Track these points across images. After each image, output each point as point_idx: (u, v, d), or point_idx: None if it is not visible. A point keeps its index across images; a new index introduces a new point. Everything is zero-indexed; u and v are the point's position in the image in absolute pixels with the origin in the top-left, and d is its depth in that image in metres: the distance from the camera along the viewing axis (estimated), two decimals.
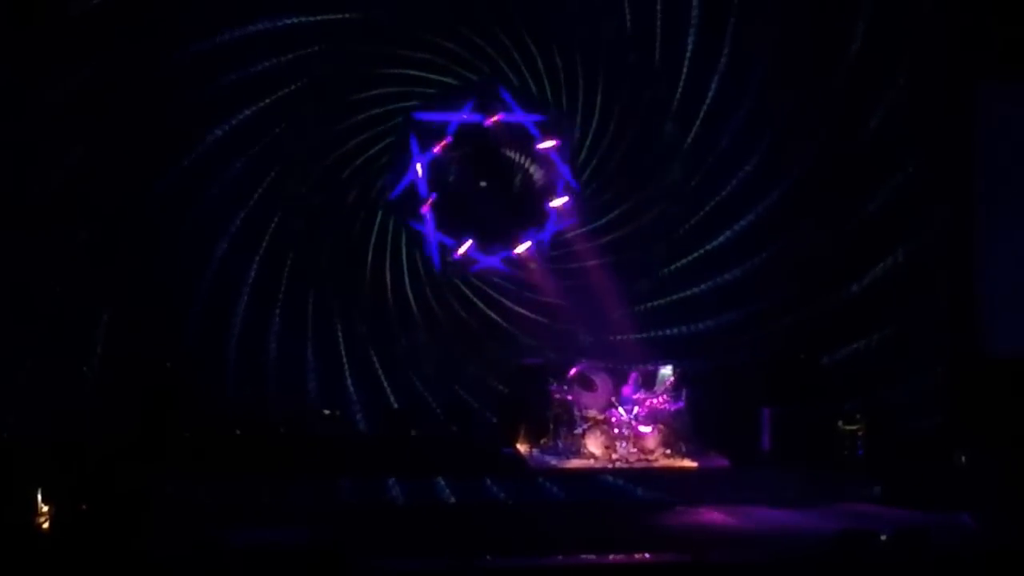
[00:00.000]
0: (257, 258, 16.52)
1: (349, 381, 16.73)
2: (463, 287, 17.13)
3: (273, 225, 16.54)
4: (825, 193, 16.66)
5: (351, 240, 16.81)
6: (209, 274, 16.33)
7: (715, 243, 17.02)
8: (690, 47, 16.72)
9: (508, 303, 17.16)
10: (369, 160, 16.78)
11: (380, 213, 16.90)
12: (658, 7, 16.68)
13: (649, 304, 17.01)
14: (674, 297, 17.05)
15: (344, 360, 16.74)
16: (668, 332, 17.00)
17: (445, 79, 16.78)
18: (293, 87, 16.34)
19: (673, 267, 17.06)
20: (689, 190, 16.96)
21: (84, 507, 13.01)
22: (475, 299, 17.17)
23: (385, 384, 16.77)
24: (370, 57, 16.46)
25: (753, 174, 16.81)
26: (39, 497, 13.14)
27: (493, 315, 17.15)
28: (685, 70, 16.79)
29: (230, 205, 16.37)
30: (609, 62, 16.80)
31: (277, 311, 16.57)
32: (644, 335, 16.89)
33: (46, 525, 12.98)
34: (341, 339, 16.74)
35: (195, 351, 16.21)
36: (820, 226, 16.67)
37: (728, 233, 16.97)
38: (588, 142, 17.08)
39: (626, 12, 16.74)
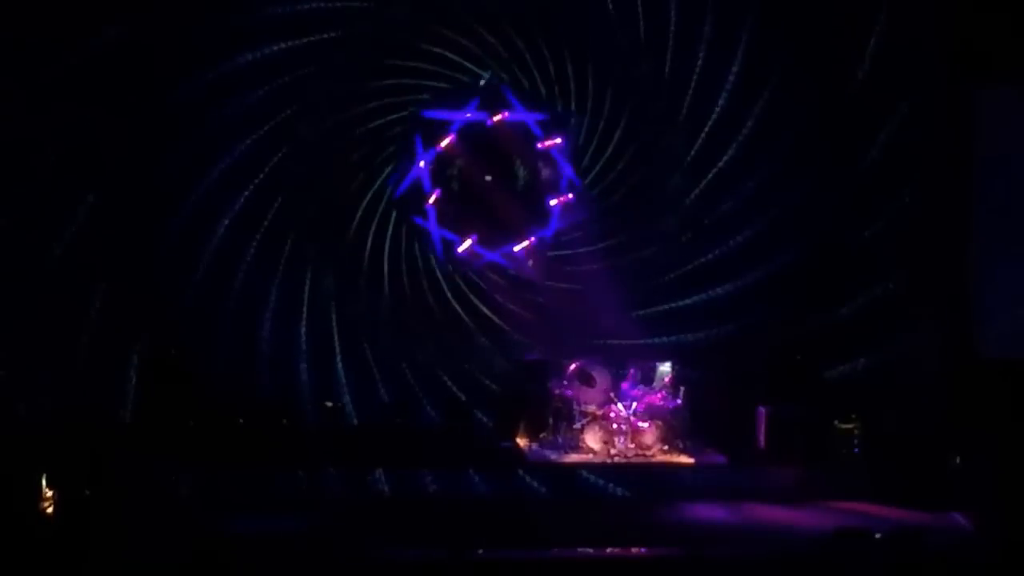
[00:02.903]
0: (251, 186, 16.60)
1: (303, 328, 16.78)
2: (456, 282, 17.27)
3: (274, 161, 16.63)
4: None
5: (345, 196, 16.90)
6: (199, 191, 16.40)
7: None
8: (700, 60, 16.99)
9: (506, 299, 17.27)
10: (389, 124, 16.92)
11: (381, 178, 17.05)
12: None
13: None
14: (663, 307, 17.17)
15: (304, 308, 16.79)
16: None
17: (467, 63, 16.96)
18: (331, 35, 16.52)
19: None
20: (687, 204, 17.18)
21: (88, 493, 13.13)
22: (473, 293, 17.32)
23: (336, 345, 16.84)
24: (412, 26, 16.67)
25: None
26: (43, 483, 13.26)
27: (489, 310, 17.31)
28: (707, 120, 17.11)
29: (238, 129, 16.49)
30: (621, 73, 16.98)
31: (252, 246, 16.64)
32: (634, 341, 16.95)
33: (50, 510, 13.08)
34: (308, 287, 16.80)
35: (167, 262, 16.28)
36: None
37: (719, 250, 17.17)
38: (591, 150, 17.24)
39: (661, 52, 17.02)
